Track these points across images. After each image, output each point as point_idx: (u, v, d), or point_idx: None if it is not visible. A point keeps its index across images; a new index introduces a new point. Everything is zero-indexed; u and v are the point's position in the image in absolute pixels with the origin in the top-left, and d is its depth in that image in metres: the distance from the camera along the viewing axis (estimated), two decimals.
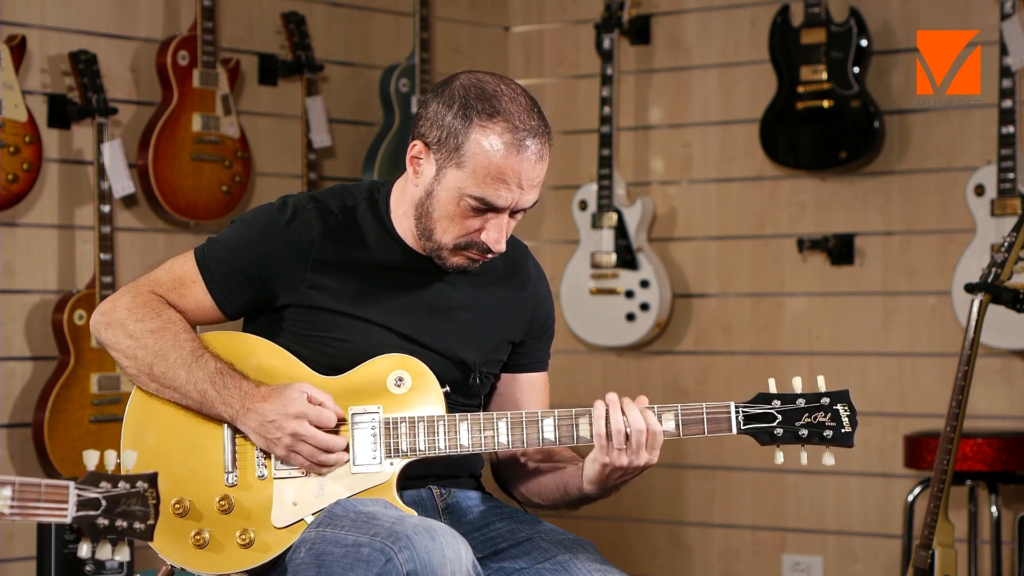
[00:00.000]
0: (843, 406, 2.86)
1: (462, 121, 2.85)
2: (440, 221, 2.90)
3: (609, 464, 2.84)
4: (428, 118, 2.89)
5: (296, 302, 2.94)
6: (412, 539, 2.66)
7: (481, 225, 2.89)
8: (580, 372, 5.79)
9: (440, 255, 2.93)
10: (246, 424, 2.85)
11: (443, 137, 2.86)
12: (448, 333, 2.98)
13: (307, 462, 2.84)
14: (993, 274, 4.02)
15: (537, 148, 2.86)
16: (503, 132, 2.84)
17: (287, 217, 2.95)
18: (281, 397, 2.83)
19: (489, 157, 2.84)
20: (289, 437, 2.83)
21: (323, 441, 2.83)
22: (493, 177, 2.84)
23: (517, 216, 2.92)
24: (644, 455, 2.83)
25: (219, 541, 2.86)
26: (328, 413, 2.84)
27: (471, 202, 2.86)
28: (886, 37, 5.32)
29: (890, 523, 5.28)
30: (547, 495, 3.02)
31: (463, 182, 2.86)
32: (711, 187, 5.66)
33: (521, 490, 3.07)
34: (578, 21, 5.89)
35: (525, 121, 2.85)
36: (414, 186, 2.93)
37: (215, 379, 2.85)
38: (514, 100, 2.87)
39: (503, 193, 2.85)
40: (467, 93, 2.86)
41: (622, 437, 2.82)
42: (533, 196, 2.90)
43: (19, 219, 4.81)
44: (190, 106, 5.04)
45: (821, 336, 5.47)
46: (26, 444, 4.77)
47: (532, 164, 2.86)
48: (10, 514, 2.23)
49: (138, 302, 2.92)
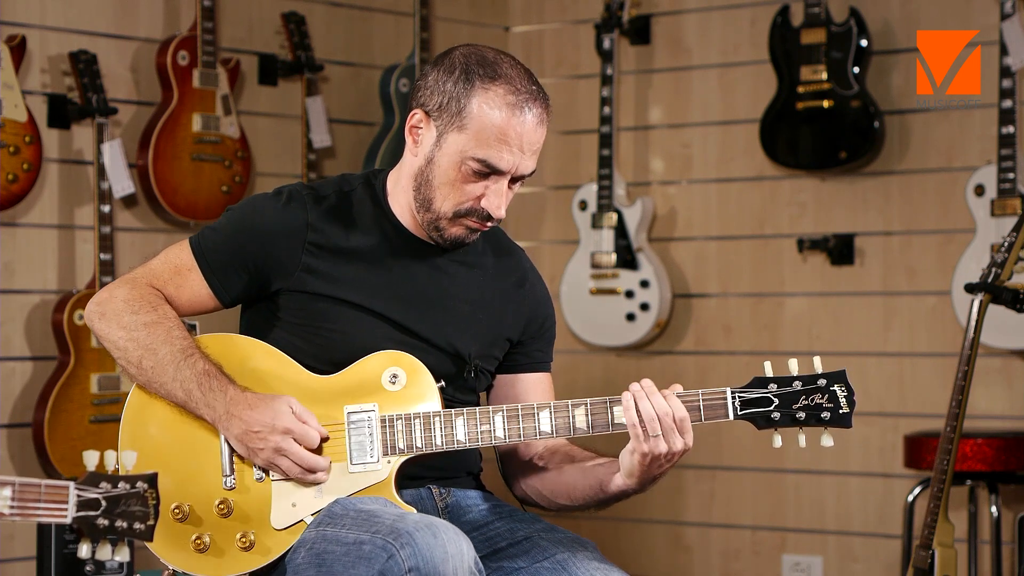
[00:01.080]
0: (840, 387, 2.84)
1: (464, 85, 2.86)
2: (440, 188, 2.90)
3: (648, 453, 2.80)
4: (428, 86, 2.91)
5: (291, 287, 2.93)
6: (414, 535, 2.66)
7: (481, 191, 2.89)
8: (580, 372, 5.79)
9: (439, 225, 2.92)
10: (228, 430, 2.84)
11: (444, 102, 2.88)
12: (444, 323, 2.97)
13: (287, 474, 2.84)
14: (993, 274, 4.02)
15: (538, 111, 2.88)
16: (505, 94, 2.86)
17: (282, 202, 2.96)
18: (268, 408, 2.82)
19: (492, 118, 2.85)
20: (272, 451, 2.82)
21: (306, 461, 2.83)
22: (496, 138, 2.85)
23: (515, 186, 2.92)
24: (679, 440, 2.81)
25: (219, 545, 2.86)
26: (312, 433, 2.83)
27: (473, 165, 2.86)
28: (886, 37, 5.32)
29: (890, 523, 5.28)
30: (578, 494, 2.98)
31: (465, 144, 2.86)
32: (711, 187, 5.66)
33: (542, 490, 3.04)
34: (578, 21, 5.89)
35: (526, 85, 2.88)
36: (413, 156, 2.94)
37: (202, 380, 2.85)
38: (514, 67, 2.90)
39: (505, 155, 2.86)
40: (467, 60, 2.89)
41: (656, 424, 2.80)
42: (532, 163, 2.90)
43: (19, 219, 4.81)
44: (190, 106, 5.04)
45: (821, 336, 5.47)
46: (26, 444, 4.77)
47: (533, 127, 2.87)
48: (10, 514, 2.23)
49: (135, 295, 2.92)
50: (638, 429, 2.80)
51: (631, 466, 2.85)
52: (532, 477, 3.05)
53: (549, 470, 3.03)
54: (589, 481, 2.96)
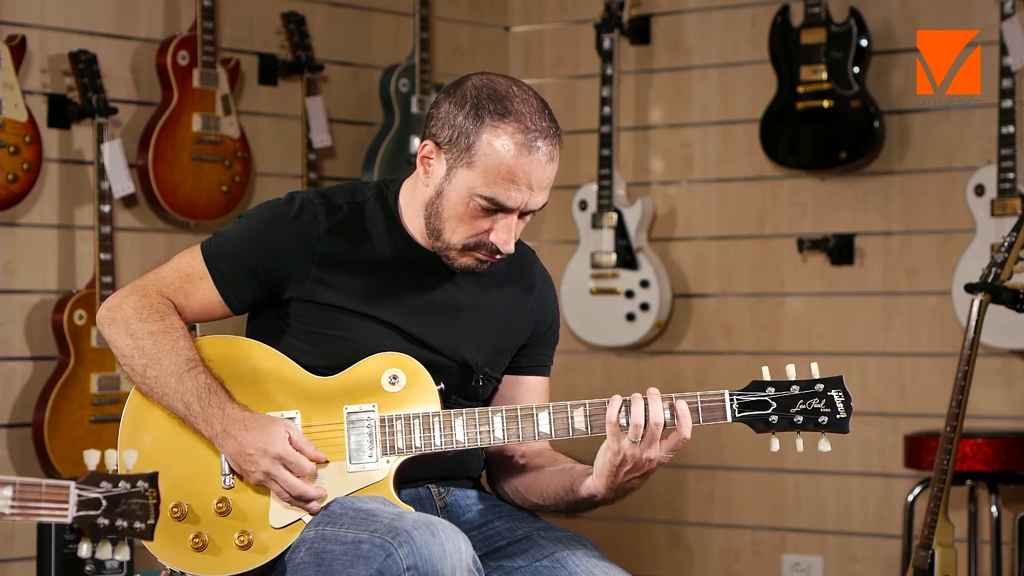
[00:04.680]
0: (837, 392, 2.85)
1: (474, 121, 2.85)
2: (449, 221, 2.90)
3: (619, 453, 2.82)
4: (439, 118, 2.90)
5: (301, 297, 2.94)
6: (412, 534, 2.66)
7: (490, 226, 2.89)
8: (580, 372, 5.79)
9: (448, 255, 2.93)
10: (224, 447, 2.85)
11: (454, 137, 2.87)
12: (452, 333, 2.98)
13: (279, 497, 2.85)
14: (993, 274, 4.02)
15: (548, 149, 2.88)
16: (514, 132, 2.85)
17: (294, 211, 2.96)
18: (263, 432, 2.83)
19: (500, 157, 2.84)
20: (262, 474, 2.83)
21: (295, 489, 2.83)
22: (504, 177, 2.84)
23: (526, 218, 2.92)
24: (654, 449, 2.82)
25: (217, 543, 2.86)
26: (304, 462, 2.83)
27: (481, 202, 2.86)
28: (886, 37, 5.32)
29: (890, 523, 5.28)
30: (550, 493, 3.00)
31: (473, 182, 2.86)
32: (711, 187, 5.66)
33: (519, 487, 3.04)
34: (578, 21, 5.89)
35: (536, 122, 2.87)
36: (424, 186, 2.93)
37: (202, 395, 2.85)
38: (526, 101, 2.88)
39: (513, 194, 2.86)
40: (479, 94, 2.87)
41: (639, 430, 2.81)
42: (542, 198, 2.90)
43: (19, 219, 4.81)
44: (190, 106, 5.04)
45: (821, 336, 5.47)
46: (26, 444, 4.77)
47: (543, 165, 2.87)
48: (11, 514, 2.23)
49: (145, 303, 2.92)
50: (615, 427, 2.82)
51: (601, 465, 2.86)
52: (512, 475, 3.06)
53: (528, 469, 3.04)
54: (562, 481, 2.97)
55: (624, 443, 2.81)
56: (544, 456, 3.05)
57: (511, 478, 3.06)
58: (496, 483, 3.10)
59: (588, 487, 2.91)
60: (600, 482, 2.89)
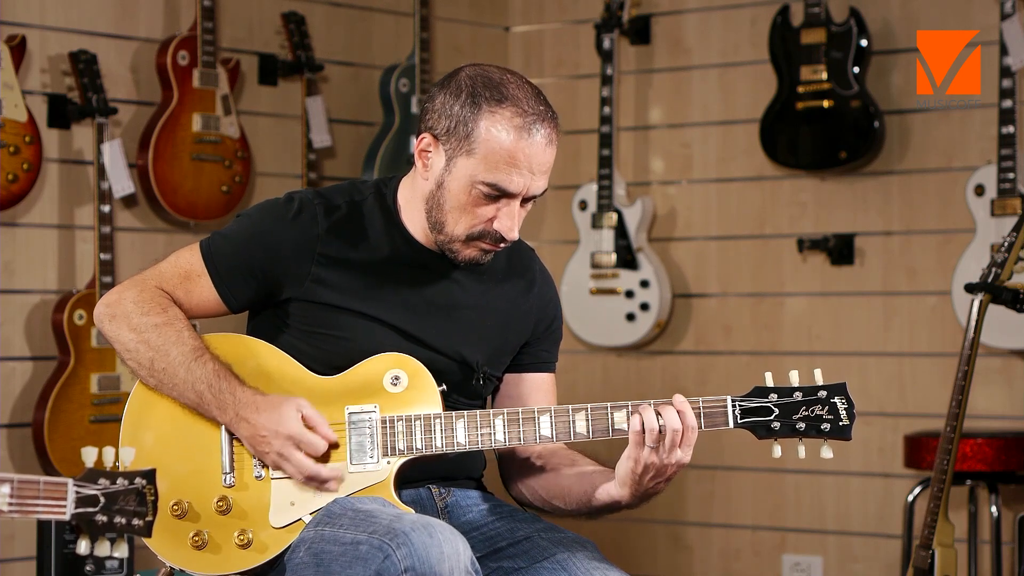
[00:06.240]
0: (840, 399, 2.85)
1: (471, 109, 2.85)
2: (452, 212, 2.89)
3: (641, 460, 2.81)
4: (435, 110, 2.89)
5: (300, 296, 2.94)
6: (410, 536, 2.66)
7: (493, 214, 2.88)
8: (580, 372, 5.79)
9: (452, 248, 2.92)
10: (238, 431, 2.85)
11: (452, 127, 2.87)
12: (452, 332, 2.98)
13: (293, 478, 2.85)
14: (993, 274, 4.02)
15: (546, 132, 2.88)
16: (512, 117, 2.85)
17: (293, 211, 2.95)
18: (275, 412, 2.83)
19: (500, 142, 2.84)
20: (276, 455, 2.83)
21: (308, 469, 2.83)
22: (505, 162, 2.84)
23: (527, 205, 2.92)
24: (675, 453, 2.81)
25: (217, 542, 2.86)
26: (317, 441, 2.83)
27: (483, 189, 2.86)
28: (886, 37, 5.32)
29: (890, 523, 5.28)
30: (572, 499, 2.98)
31: (474, 169, 2.86)
32: (711, 187, 5.66)
33: (537, 489, 3.04)
34: (578, 21, 5.89)
35: (533, 106, 2.87)
36: (424, 180, 2.93)
37: (212, 381, 2.85)
38: (520, 87, 2.88)
39: (515, 178, 2.85)
40: (474, 83, 2.87)
41: (655, 435, 2.80)
42: (543, 182, 2.90)
43: (19, 219, 4.81)
44: (190, 106, 5.04)
45: (821, 336, 5.47)
46: (26, 444, 4.77)
47: (542, 148, 2.87)
48: (9, 511, 2.23)
49: (144, 296, 2.92)
50: (639, 436, 2.80)
51: (624, 473, 2.85)
52: (529, 477, 3.05)
53: (547, 471, 3.03)
54: (584, 486, 2.96)
55: (644, 452, 2.80)
56: (561, 456, 3.04)
57: (528, 479, 3.05)
58: (511, 484, 3.09)
59: (612, 494, 2.90)
60: (624, 491, 2.88)
